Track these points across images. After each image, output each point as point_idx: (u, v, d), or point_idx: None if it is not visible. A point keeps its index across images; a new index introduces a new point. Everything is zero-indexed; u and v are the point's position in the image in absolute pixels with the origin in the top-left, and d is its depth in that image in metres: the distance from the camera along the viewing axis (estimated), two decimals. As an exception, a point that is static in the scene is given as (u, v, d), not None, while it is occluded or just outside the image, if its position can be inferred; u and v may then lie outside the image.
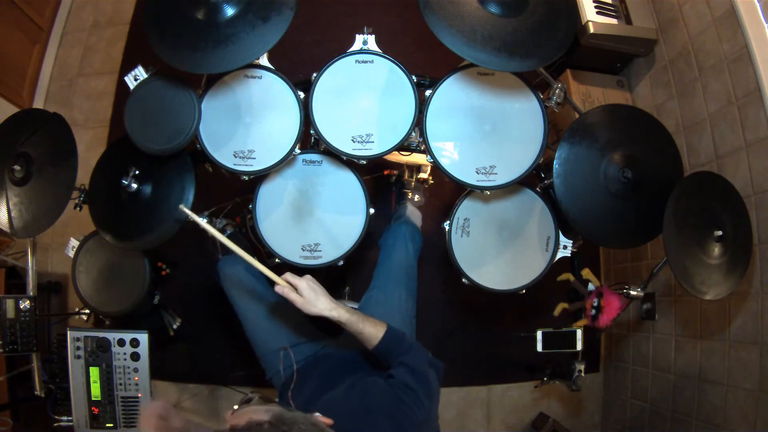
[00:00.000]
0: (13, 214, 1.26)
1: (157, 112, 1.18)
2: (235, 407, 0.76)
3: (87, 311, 1.49)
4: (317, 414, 0.74)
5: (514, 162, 1.27)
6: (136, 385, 1.35)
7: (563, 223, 1.36)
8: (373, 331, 1.03)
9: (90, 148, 2.30)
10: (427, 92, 1.25)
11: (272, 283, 1.04)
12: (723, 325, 1.59)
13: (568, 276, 1.41)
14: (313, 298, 1.00)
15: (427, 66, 1.37)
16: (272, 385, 1.30)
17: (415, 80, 1.24)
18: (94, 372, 1.34)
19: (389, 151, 1.25)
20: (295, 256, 1.35)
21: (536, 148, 1.25)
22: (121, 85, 1.67)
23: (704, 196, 1.22)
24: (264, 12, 1.10)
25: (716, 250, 1.20)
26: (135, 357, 1.34)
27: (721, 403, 1.57)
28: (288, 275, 1.03)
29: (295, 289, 1.02)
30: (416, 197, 1.98)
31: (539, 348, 1.47)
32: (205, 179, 1.31)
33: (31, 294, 1.50)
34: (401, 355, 1.00)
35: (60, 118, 1.27)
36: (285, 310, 1.36)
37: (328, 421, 0.73)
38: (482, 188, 1.27)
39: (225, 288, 1.37)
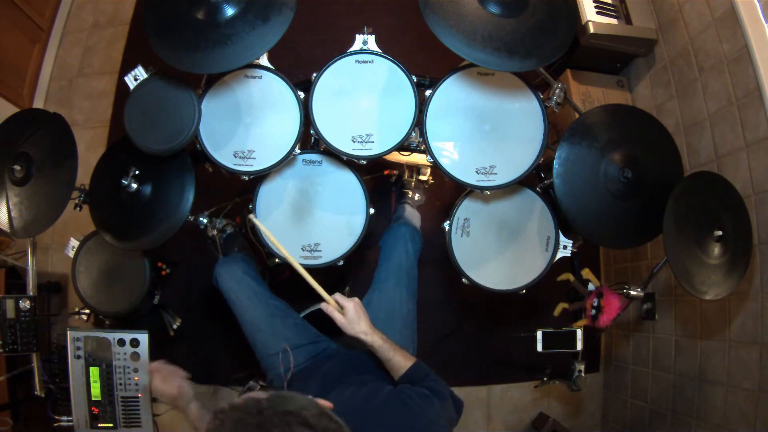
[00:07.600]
0: (13, 214, 1.26)
1: (157, 112, 1.18)
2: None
3: (87, 311, 1.49)
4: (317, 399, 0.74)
5: (514, 162, 1.27)
6: (136, 385, 1.35)
7: (563, 223, 1.36)
8: (401, 361, 1.05)
9: (90, 148, 2.30)
10: (427, 92, 1.25)
11: (317, 298, 1.09)
12: (723, 325, 1.59)
13: (568, 276, 1.41)
14: (355, 321, 1.06)
15: (427, 66, 1.37)
16: (273, 387, 1.30)
17: (415, 80, 1.24)
18: (94, 372, 1.33)
19: (389, 151, 1.25)
20: (295, 256, 1.34)
21: (536, 148, 1.26)
22: (121, 85, 1.67)
23: (704, 196, 1.22)
24: (264, 12, 1.11)
25: (716, 250, 1.20)
26: (135, 357, 1.34)
27: (721, 403, 1.57)
28: (338, 296, 1.09)
29: (341, 308, 1.07)
30: (416, 197, 1.98)
31: (539, 348, 1.47)
32: (205, 179, 1.31)
33: (31, 294, 1.50)
34: (426, 384, 1.00)
35: (60, 118, 1.27)
36: (284, 312, 1.36)
37: (328, 404, 0.73)
38: (482, 188, 1.27)
39: (223, 290, 1.36)
